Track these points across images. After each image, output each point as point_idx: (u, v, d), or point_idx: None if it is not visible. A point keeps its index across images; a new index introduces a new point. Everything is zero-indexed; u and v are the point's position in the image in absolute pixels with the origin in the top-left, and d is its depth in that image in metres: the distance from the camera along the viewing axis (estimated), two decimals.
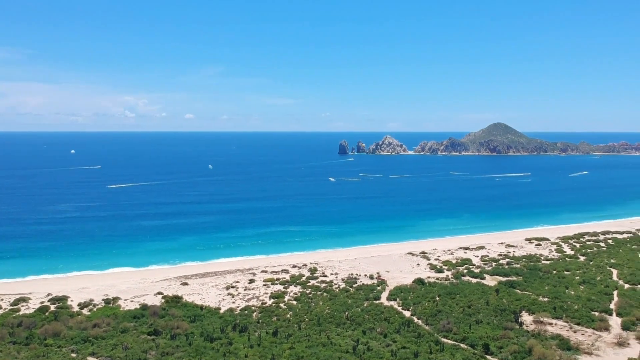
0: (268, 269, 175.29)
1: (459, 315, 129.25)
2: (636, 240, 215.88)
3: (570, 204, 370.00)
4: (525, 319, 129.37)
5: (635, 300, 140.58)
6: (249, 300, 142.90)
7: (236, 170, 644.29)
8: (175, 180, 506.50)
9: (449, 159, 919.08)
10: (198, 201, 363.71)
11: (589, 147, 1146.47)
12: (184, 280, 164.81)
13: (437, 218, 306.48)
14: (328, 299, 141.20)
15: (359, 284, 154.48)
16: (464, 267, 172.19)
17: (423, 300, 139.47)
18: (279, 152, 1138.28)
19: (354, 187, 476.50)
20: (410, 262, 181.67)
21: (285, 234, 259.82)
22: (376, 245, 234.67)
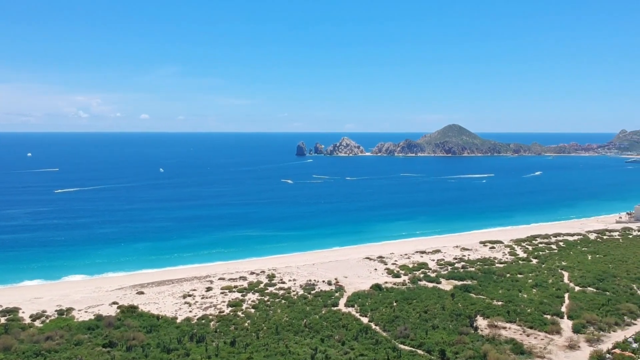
0: (226, 276, 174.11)
1: (416, 321, 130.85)
2: (586, 242, 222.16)
3: (524, 205, 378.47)
4: (480, 323, 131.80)
5: (585, 302, 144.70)
6: (206, 309, 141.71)
7: (192, 173, 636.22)
8: (129, 184, 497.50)
9: (406, 160, 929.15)
10: (152, 207, 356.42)
11: (541, 148, 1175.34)
12: (139, 288, 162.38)
13: (394, 221, 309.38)
14: (286, 307, 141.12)
15: (317, 290, 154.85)
16: (421, 272, 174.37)
17: (381, 306, 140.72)
18: (236, 154, 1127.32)
19: (311, 189, 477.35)
20: (368, 267, 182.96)
21: (242, 239, 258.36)
22: (334, 250, 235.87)
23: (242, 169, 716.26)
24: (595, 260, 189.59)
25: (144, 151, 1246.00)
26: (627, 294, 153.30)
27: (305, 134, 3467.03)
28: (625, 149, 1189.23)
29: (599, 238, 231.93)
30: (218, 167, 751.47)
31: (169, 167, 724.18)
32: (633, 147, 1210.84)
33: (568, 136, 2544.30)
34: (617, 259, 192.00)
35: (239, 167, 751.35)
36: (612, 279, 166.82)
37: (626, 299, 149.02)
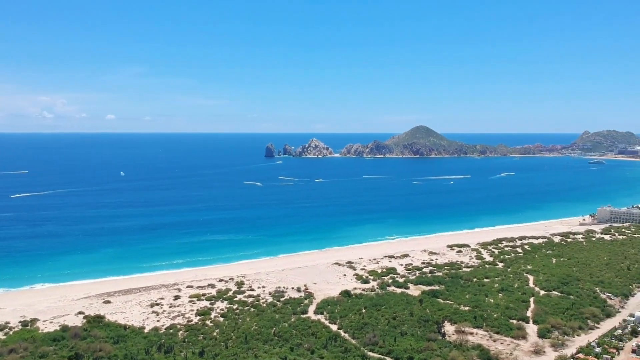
0: (194, 283, 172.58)
1: (385, 328, 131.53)
2: (550, 245, 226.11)
3: (490, 207, 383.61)
4: (448, 329, 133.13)
5: (550, 307, 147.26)
6: (174, 318, 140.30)
7: (158, 176, 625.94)
8: (90, 188, 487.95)
9: (374, 162, 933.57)
10: (117, 213, 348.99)
11: (507, 149, 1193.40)
12: (106, 297, 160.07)
13: (363, 224, 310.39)
14: (255, 315, 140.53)
15: (286, 297, 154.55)
16: (389, 277, 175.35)
17: (350, 313, 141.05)
18: (204, 156, 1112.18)
19: (280, 192, 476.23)
20: (337, 273, 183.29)
21: (211, 244, 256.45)
22: (303, 254, 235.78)
23: (210, 171, 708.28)
24: (559, 264, 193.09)
25: (109, 153, 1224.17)
26: (591, 298, 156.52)
27: (275, 135, 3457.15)
28: (589, 150, 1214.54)
29: (563, 241, 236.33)
30: (186, 169, 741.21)
31: (134, 170, 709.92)
32: (596, 148, 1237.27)
33: (533, 137, 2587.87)
34: (581, 262, 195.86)
35: (207, 169, 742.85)
36: (576, 282, 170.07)
37: (589, 303, 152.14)
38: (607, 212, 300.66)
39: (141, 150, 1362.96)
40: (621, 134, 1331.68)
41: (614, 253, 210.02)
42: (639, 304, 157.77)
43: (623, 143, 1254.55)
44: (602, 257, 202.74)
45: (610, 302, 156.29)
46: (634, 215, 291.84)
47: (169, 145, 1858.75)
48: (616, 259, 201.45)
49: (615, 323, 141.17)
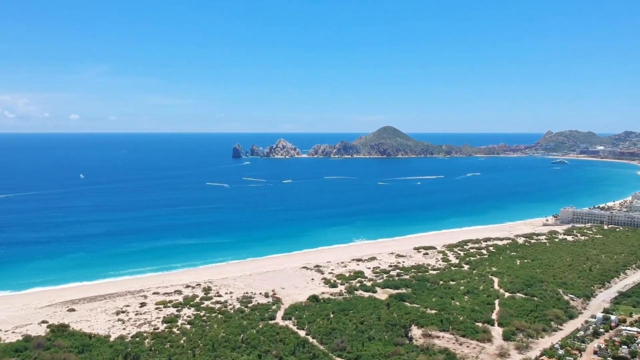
0: (160, 289, 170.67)
1: (352, 333, 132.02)
2: (515, 247, 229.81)
3: (456, 208, 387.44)
4: (415, 332, 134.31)
5: (515, 309, 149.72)
6: (140, 325, 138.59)
7: (123, 178, 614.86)
8: (51, 191, 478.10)
9: (342, 163, 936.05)
10: (84, 219, 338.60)
11: (472, 149, 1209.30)
12: (70, 305, 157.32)
13: (330, 226, 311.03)
14: (223, 321, 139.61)
15: (254, 303, 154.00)
16: (357, 281, 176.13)
17: (317, 318, 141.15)
18: (170, 157, 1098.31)
19: (248, 193, 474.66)
20: (305, 277, 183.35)
21: (177, 247, 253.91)
22: (271, 257, 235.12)
23: (176, 173, 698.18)
24: (523, 265, 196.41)
25: (70, 154, 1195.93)
26: (554, 299, 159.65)
27: (242, 135, 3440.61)
28: (551, 150, 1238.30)
29: (527, 242, 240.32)
30: (150, 171, 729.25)
31: (96, 172, 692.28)
32: (558, 147, 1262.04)
33: (497, 137, 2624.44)
34: (544, 263, 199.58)
35: (173, 171, 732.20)
36: (540, 284, 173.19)
37: (553, 304, 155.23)
38: (570, 212, 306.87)
39: (103, 152, 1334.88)
40: (583, 134, 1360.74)
41: (576, 254, 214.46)
42: (600, 305, 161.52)
43: (585, 143, 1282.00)
44: (565, 258, 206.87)
45: (573, 304, 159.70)
46: (595, 216, 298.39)
47: (134, 145, 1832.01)
48: (578, 260, 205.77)
49: (578, 324, 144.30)
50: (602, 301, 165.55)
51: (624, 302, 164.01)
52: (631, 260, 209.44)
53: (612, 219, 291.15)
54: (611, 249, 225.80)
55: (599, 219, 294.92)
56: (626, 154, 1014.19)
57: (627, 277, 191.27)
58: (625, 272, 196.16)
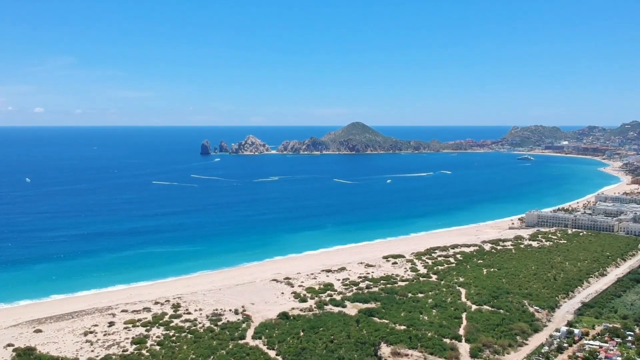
0: (129, 307, 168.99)
1: (322, 352, 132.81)
2: (481, 254, 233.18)
3: (423, 209, 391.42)
4: (384, 350, 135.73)
5: (482, 323, 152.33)
6: (109, 347, 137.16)
7: (88, 178, 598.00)
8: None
9: (311, 159, 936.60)
10: (46, 225, 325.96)
11: (439, 144, 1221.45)
12: (37, 325, 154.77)
13: (299, 231, 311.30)
14: (192, 342, 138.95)
15: (224, 321, 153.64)
16: (327, 294, 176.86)
17: (287, 337, 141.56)
18: (136, 154, 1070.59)
19: (217, 194, 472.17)
20: (275, 291, 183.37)
21: (145, 257, 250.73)
22: (241, 267, 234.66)
23: (142, 172, 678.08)
24: (490, 275, 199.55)
25: (18, 152, 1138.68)
26: (519, 312, 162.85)
27: (210, 128, 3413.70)
28: (517, 145, 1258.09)
29: (493, 249, 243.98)
30: (118, 169, 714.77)
31: (51, 173, 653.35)
32: (524, 142, 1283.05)
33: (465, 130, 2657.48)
34: (510, 272, 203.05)
35: (139, 169, 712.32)
36: (506, 295, 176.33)
37: (518, 317, 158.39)
38: (535, 216, 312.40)
39: (59, 149, 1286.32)
40: (548, 129, 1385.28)
41: (541, 262, 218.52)
42: (564, 317, 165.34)
43: (550, 138, 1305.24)
44: (530, 267, 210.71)
45: (538, 316, 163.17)
46: (560, 219, 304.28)
47: (101, 140, 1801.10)
48: (543, 268, 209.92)
49: (543, 338, 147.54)
50: (566, 312, 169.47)
51: (587, 313, 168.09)
52: (594, 267, 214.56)
53: (575, 222, 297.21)
54: (575, 256, 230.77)
55: (564, 222, 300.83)
56: (589, 149, 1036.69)
57: (590, 286, 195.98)
58: (588, 280, 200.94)
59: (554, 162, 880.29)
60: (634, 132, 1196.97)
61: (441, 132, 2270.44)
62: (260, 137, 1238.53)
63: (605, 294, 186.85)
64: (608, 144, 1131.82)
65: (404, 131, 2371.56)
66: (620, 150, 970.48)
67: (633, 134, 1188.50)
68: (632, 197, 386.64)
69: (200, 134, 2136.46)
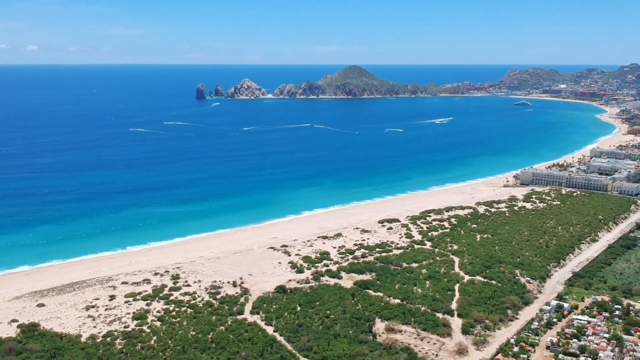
0: (129, 278, 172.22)
1: (319, 329, 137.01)
2: (475, 218, 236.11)
3: (420, 165, 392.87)
4: (379, 326, 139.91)
5: (474, 296, 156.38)
6: (111, 322, 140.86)
7: (78, 128, 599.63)
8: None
9: (308, 104, 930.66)
10: (38, 184, 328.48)
11: (436, 88, 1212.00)
12: (40, 298, 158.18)
13: (297, 188, 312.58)
14: (192, 317, 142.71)
15: (222, 294, 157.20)
16: (323, 264, 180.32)
17: (285, 312, 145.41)
18: (130, 98, 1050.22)
19: (215, 146, 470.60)
20: (272, 260, 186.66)
21: (143, 218, 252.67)
22: (239, 230, 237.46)
23: (136, 120, 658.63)
24: (483, 242, 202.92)
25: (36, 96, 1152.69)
26: (511, 283, 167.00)
27: (206, 67, 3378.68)
28: (515, 89, 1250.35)
29: (487, 212, 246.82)
30: (115, 116, 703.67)
31: (71, 118, 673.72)
32: (522, 85, 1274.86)
33: (462, 69, 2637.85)
34: (503, 239, 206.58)
35: (133, 117, 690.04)
36: (498, 265, 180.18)
37: (510, 289, 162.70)
38: (530, 174, 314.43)
39: (71, 91, 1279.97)
40: (546, 72, 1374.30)
41: (534, 227, 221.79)
42: (554, 288, 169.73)
43: (548, 81, 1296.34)
44: (523, 232, 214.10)
45: (529, 287, 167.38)
46: (554, 177, 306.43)
47: (94, 81, 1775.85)
48: (536, 233, 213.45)
49: (533, 312, 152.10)
50: (556, 282, 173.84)
51: (577, 283, 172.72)
52: (586, 232, 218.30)
53: (570, 181, 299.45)
54: (567, 220, 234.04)
55: (558, 181, 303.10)
56: (587, 94, 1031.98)
57: (582, 253, 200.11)
58: (579, 246, 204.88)
59: (552, 107, 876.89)
60: (632, 75, 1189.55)
61: (438, 72, 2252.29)
62: (256, 78, 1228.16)
63: (595, 262, 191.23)
64: (606, 87, 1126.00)
65: (401, 70, 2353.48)
66: (618, 96, 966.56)
67: (631, 77, 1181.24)
68: (627, 151, 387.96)
69: (195, 74, 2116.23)
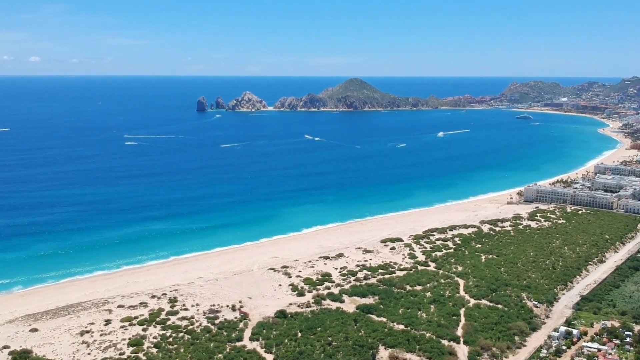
0: (125, 301, 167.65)
1: (320, 357, 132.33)
2: (480, 237, 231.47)
3: (422, 179, 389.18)
4: (382, 355, 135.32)
5: (480, 322, 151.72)
6: (105, 349, 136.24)
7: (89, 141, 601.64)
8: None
9: (309, 117, 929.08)
10: (48, 202, 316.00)
11: (437, 101, 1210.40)
12: (32, 322, 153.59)
13: (298, 205, 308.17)
14: (189, 344, 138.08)
15: (221, 319, 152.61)
16: (324, 287, 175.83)
17: (285, 339, 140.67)
18: (131, 110, 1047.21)
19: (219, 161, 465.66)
20: (272, 282, 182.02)
21: (141, 234, 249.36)
22: (238, 248, 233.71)
23: (137, 133, 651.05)
24: (488, 264, 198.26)
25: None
26: (518, 307, 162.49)
27: (207, 78, 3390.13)
28: (516, 102, 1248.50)
29: (491, 230, 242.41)
30: (116, 128, 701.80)
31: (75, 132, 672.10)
32: (523, 99, 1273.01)
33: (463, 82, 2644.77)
34: (509, 259, 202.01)
35: (134, 130, 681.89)
36: (504, 287, 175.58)
37: (516, 314, 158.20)
38: (534, 191, 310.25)
39: (63, 103, 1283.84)
40: (547, 85, 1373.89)
41: (539, 247, 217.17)
42: (562, 312, 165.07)
43: (549, 94, 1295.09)
44: (529, 253, 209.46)
45: (536, 311, 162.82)
46: (559, 195, 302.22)
47: (95, 92, 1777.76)
48: (542, 254, 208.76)
49: (541, 338, 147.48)
50: (564, 307, 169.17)
51: (585, 307, 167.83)
52: (592, 253, 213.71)
53: (574, 198, 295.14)
54: (573, 239, 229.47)
55: (562, 198, 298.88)
56: (588, 107, 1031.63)
57: (589, 275, 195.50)
58: (587, 268, 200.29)
59: (553, 121, 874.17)
60: (633, 89, 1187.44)
61: (439, 85, 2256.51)
62: (257, 90, 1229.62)
63: (603, 285, 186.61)
64: (607, 101, 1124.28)
65: (402, 83, 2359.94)
66: (620, 109, 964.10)
67: (633, 91, 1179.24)
68: (631, 167, 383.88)
69: (196, 86, 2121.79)
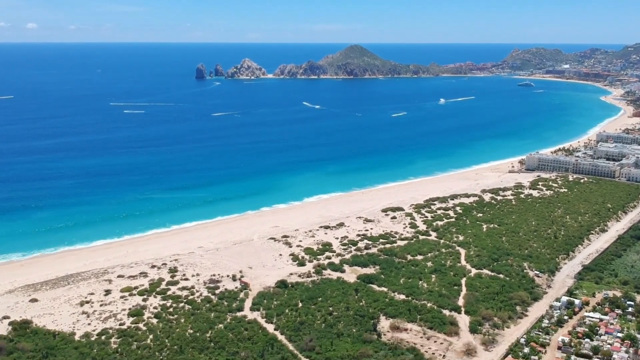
0: (125, 270, 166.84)
1: (321, 327, 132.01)
2: (481, 207, 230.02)
3: (424, 148, 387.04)
4: (383, 324, 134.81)
5: (481, 292, 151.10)
6: (105, 319, 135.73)
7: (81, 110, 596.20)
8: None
9: (309, 85, 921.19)
10: (36, 168, 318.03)
11: (439, 68, 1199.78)
12: (32, 292, 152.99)
13: (300, 172, 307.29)
14: (190, 314, 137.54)
15: (221, 289, 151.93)
16: (325, 257, 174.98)
17: (286, 309, 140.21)
18: (129, 78, 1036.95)
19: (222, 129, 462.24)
20: (273, 252, 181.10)
21: (141, 203, 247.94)
22: (238, 218, 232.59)
23: (136, 101, 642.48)
24: (489, 233, 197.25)
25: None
26: (519, 277, 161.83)
27: (206, 45, 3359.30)
28: (518, 69, 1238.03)
29: (493, 199, 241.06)
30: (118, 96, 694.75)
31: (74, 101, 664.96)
32: (525, 66, 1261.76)
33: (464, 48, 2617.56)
34: (510, 229, 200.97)
35: (132, 98, 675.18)
36: (506, 257, 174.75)
37: (518, 283, 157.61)
38: (535, 159, 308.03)
39: (73, 72, 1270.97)
40: (549, 52, 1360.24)
41: (541, 216, 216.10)
42: (564, 282, 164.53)
43: (551, 61, 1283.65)
44: (531, 222, 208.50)
45: (538, 281, 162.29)
46: (561, 163, 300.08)
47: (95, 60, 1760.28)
48: (544, 223, 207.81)
49: (542, 308, 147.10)
50: (566, 276, 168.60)
51: (587, 277, 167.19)
52: (594, 222, 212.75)
53: (576, 167, 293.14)
54: (575, 208, 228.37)
55: (564, 167, 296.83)
56: (590, 74, 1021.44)
57: (591, 244, 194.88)
58: (589, 237, 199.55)
59: (555, 88, 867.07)
60: (636, 56, 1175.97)
61: (440, 52, 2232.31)
62: (256, 57, 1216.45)
63: (605, 254, 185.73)
64: (610, 68, 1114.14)
65: (403, 50, 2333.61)
66: (622, 76, 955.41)
67: (636, 58, 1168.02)
68: (634, 136, 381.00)
69: (195, 53, 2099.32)
